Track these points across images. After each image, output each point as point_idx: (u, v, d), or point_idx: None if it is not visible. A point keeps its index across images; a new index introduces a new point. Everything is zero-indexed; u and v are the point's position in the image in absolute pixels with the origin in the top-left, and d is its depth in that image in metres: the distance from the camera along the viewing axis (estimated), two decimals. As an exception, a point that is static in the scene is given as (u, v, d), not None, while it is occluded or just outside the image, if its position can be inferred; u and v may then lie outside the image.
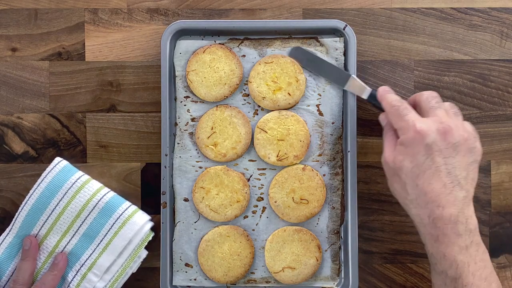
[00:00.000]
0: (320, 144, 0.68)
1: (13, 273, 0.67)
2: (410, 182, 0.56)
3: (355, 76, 0.66)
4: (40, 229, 0.67)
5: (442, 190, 0.55)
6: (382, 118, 0.63)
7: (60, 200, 0.66)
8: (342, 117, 0.68)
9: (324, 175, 0.68)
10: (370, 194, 0.70)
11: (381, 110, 0.63)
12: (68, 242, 0.67)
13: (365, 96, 0.66)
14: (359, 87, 0.66)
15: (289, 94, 0.66)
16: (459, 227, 0.54)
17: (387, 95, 0.61)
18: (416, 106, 0.61)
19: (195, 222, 0.68)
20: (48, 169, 0.67)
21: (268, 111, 0.68)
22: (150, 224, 0.68)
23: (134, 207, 0.67)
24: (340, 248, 0.68)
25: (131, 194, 0.69)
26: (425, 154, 0.55)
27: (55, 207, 0.66)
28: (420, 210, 0.56)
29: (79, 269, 0.66)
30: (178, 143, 0.68)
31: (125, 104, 0.70)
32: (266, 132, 0.67)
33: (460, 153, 0.56)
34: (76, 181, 0.67)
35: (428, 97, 0.59)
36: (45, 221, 0.67)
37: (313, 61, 0.67)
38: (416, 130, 0.55)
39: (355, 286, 0.67)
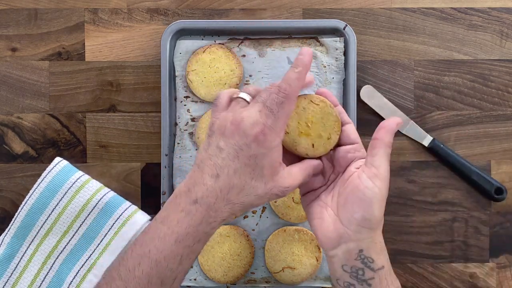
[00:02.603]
0: (320, 144, 0.68)
1: (12, 273, 0.66)
2: None
3: (414, 122, 0.68)
4: (40, 229, 0.67)
5: None
6: None
7: (60, 200, 0.66)
8: (342, 117, 0.68)
9: (324, 175, 0.68)
10: (370, 194, 0.70)
11: (443, 161, 0.68)
12: (68, 243, 0.67)
13: (425, 143, 0.68)
14: (418, 133, 0.68)
15: (313, 146, 0.54)
16: None
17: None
18: None
19: (195, 222, 0.68)
20: (48, 169, 0.67)
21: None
22: (150, 224, 0.68)
23: (134, 207, 0.67)
24: (340, 248, 0.68)
25: (131, 194, 0.69)
26: None
27: (55, 207, 0.66)
28: None
29: (79, 270, 0.66)
30: (178, 143, 0.68)
31: (125, 104, 0.70)
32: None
33: None
34: (76, 181, 0.67)
35: None
36: (45, 221, 0.66)
37: (378, 102, 0.69)
38: None
39: (355, 286, 0.67)
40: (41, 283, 0.67)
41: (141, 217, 0.67)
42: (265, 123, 0.49)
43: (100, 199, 0.66)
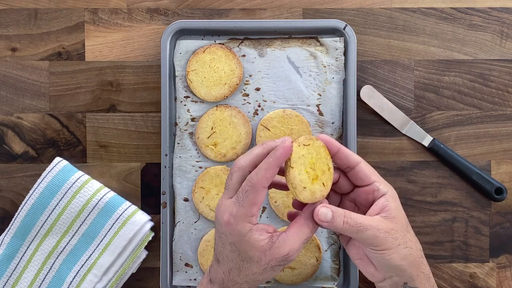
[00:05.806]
0: (320, 144, 0.68)
1: (12, 273, 0.67)
2: None
3: (414, 122, 0.68)
4: (40, 229, 0.67)
5: None
6: None
7: (60, 200, 0.66)
8: (342, 117, 0.68)
9: (324, 175, 0.68)
10: (370, 194, 0.70)
11: (443, 161, 0.67)
12: (68, 243, 0.67)
13: (425, 143, 0.68)
14: (418, 133, 0.68)
15: (323, 185, 0.52)
16: None
17: None
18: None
19: (195, 222, 0.68)
20: (48, 169, 0.67)
21: (272, 110, 0.68)
22: (150, 224, 0.68)
23: (134, 207, 0.67)
24: (340, 248, 0.68)
25: (131, 194, 0.69)
26: None
27: (55, 207, 0.66)
28: None
29: (79, 270, 0.66)
30: (178, 143, 0.68)
31: (125, 104, 0.70)
32: (269, 130, 0.67)
33: None
34: (76, 181, 0.67)
35: None
36: (45, 221, 0.67)
37: (378, 102, 0.68)
38: None
39: (355, 286, 0.67)
40: (41, 283, 0.67)
41: (141, 217, 0.67)
42: (230, 211, 0.50)
43: (100, 199, 0.66)
